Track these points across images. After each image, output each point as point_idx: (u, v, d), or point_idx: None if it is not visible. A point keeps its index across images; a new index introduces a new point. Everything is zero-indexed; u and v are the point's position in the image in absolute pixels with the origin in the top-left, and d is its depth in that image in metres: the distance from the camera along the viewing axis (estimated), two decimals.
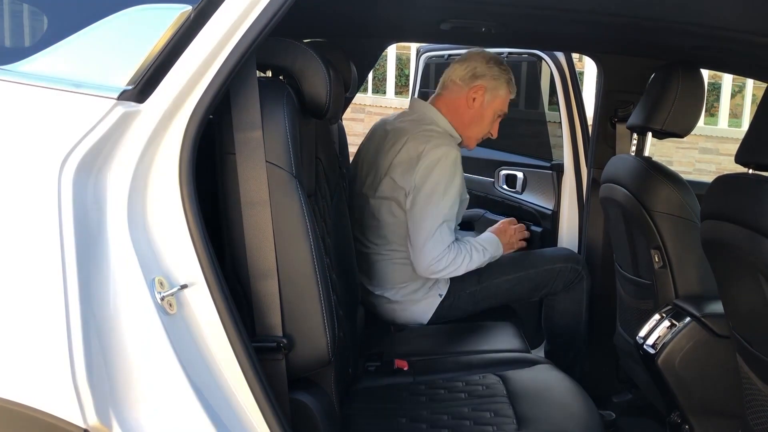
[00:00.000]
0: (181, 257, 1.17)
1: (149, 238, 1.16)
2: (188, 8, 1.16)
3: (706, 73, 4.46)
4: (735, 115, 9.16)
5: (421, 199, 2.16)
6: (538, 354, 2.51)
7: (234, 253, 1.39)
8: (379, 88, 9.81)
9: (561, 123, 2.97)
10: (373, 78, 9.70)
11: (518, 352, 2.17)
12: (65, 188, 1.06)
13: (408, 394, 1.90)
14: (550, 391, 1.87)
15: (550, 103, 3.42)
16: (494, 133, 2.39)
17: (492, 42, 2.76)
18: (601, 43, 2.52)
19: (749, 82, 7.98)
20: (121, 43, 1.24)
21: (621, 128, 2.67)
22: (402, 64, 9.67)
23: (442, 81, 2.38)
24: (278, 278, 1.36)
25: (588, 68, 6.56)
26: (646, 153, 2.41)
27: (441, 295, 2.35)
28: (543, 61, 3.07)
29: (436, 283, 2.36)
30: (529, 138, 3.71)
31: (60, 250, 1.05)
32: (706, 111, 8.28)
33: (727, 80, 8.14)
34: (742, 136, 1.59)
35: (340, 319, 1.70)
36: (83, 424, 1.04)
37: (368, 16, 2.34)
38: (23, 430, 1.07)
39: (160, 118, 1.15)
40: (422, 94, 3.70)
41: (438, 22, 2.16)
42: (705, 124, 8.25)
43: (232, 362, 1.20)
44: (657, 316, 2.10)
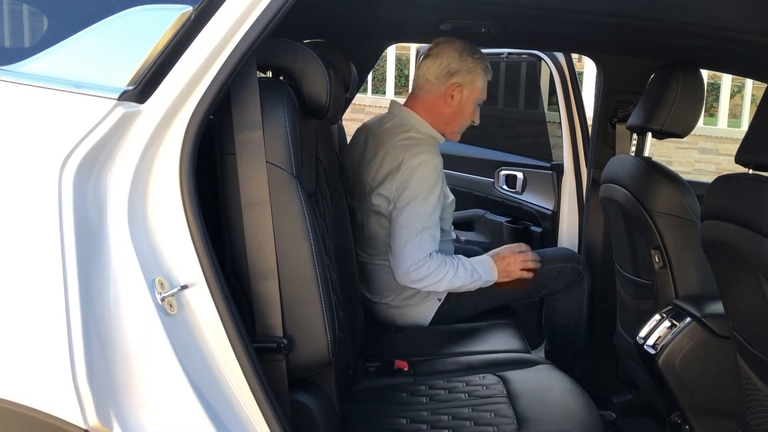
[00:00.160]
0: (182, 258, 1.17)
1: (150, 238, 1.16)
2: (189, 9, 1.16)
3: (705, 73, 4.47)
4: (734, 116, 9.16)
5: (401, 205, 2.13)
6: (538, 354, 2.51)
7: (234, 254, 1.39)
8: (379, 89, 9.82)
9: (561, 123, 2.98)
10: (373, 78, 9.72)
11: (518, 353, 2.17)
12: (66, 189, 1.06)
13: (408, 394, 1.90)
14: (550, 392, 1.87)
15: (550, 103, 3.42)
16: (476, 120, 2.33)
17: (492, 42, 2.76)
18: (601, 43, 2.52)
19: (748, 82, 7.98)
20: (121, 44, 1.25)
21: (621, 128, 2.67)
22: (402, 64, 9.68)
23: (415, 79, 2.31)
24: (278, 278, 1.36)
25: (588, 68, 6.57)
26: (646, 153, 2.42)
27: (440, 300, 2.34)
28: (542, 61, 3.07)
29: None
30: (529, 138, 3.71)
31: (60, 251, 1.05)
32: (705, 111, 8.28)
33: (726, 80, 8.13)
34: (741, 136, 1.59)
35: (341, 319, 1.70)
36: (84, 425, 1.04)
37: (368, 16, 2.34)
38: (24, 430, 1.07)
39: (160, 118, 1.15)
40: None
41: (438, 22, 2.17)
42: (704, 124, 8.24)
43: (232, 363, 1.20)
44: (657, 317, 2.10)
